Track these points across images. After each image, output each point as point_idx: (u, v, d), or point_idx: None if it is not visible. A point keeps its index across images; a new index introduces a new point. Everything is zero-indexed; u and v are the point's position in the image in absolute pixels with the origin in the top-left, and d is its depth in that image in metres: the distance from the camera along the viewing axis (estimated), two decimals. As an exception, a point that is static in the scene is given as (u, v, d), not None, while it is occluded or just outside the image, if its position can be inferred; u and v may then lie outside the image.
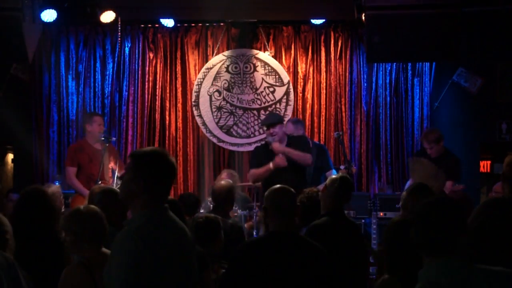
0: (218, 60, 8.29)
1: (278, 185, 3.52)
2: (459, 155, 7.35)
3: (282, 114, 8.16)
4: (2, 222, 3.19)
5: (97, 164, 6.73)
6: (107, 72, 8.35)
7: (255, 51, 8.29)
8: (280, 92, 8.25)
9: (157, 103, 8.35)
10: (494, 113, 6.89)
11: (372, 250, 5.33)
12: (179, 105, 8.37)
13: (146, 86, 8.35)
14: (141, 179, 2.61)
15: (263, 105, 8.27)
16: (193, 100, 8.29)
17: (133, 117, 8.33)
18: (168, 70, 8.40)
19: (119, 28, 7.90)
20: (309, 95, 8.31)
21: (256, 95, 8.27)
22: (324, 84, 8.27)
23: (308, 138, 7.37)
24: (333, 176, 4.51)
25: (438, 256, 2.31)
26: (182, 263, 2.68)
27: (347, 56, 8.28)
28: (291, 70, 8.33)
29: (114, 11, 7.40)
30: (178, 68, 8.40)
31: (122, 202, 2.83)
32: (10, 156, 8.07)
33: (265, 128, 6.29)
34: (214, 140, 8.30)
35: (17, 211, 3.77)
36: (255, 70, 8.27)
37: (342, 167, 6.58)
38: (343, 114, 8.24)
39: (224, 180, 5.77)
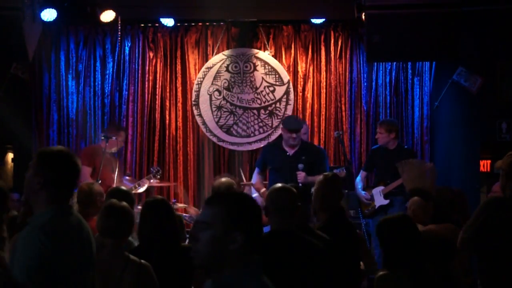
0: (218, 59, 8.29)
1: (279, 184, 3.53)
2: (459, 155, 7.36)
3: (282, 114, 8.18)
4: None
5: (108, 170, 6.91)
6: (107, 72, 8.34)
7: (255, 51, 8.29)
8: (280, 91, 8.25)
9: (157, 102, 8.35)
10: (494, 112, 6.88)
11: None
12: (179, 105, 8.37)
13: (146, 86, 8.35)
14: (41, 175, 2.58)
15: (263, 104, 8.27)
16: (193, 99, 8.29)
17: (133, 116, 8.32)
18: (168, 70, 8.39)
19: (119, 27, 7.91)
20: (309, 95, 8.31)
21: (256, 95, 8.27)
22: (324, 83, 8.27)
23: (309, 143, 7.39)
24: (320, 177, 4.46)
25: None
26: (87, 263, 2.64)
27: (347, 56, 8.28)
28: (291, 69, 8.33)
29: (114, 11, 7.40)
30: (178, 67, 8.39)
31: (26, 199, 2.74)
32: (10, 156, 8.06)
33: (285, 130, 6.40)
34: (214, 140, 8.30)
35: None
36: (255, 69, 8.27)
37: (336, 171, 6.48)
38: (343, 113, 8.25)
39: (224, 178, 5.73)
